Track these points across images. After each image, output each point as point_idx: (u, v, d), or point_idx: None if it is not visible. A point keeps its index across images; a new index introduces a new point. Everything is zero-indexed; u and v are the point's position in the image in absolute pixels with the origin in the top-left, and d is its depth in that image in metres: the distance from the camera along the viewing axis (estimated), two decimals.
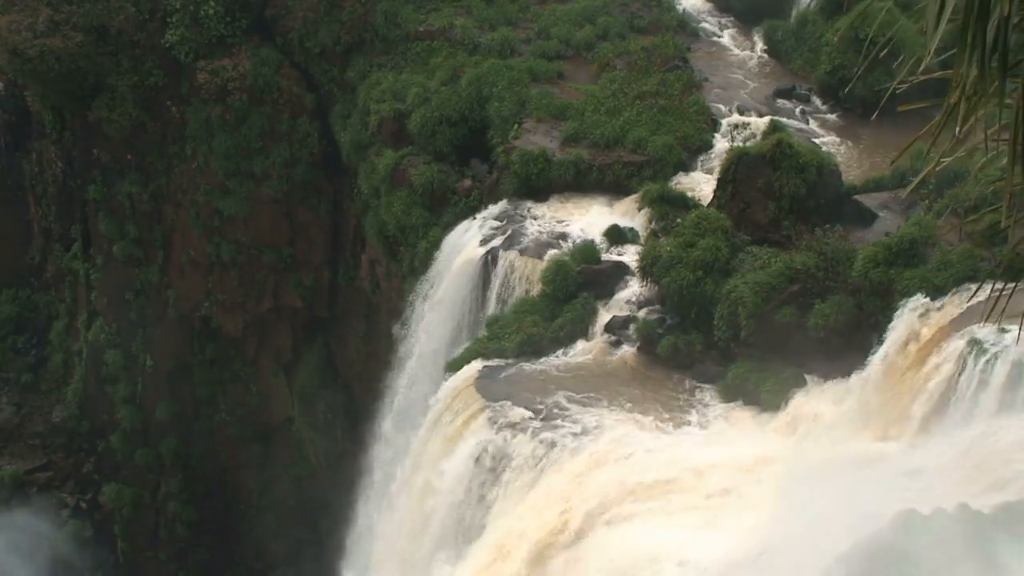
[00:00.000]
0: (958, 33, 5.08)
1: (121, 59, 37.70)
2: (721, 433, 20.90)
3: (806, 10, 34.79)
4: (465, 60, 33.39)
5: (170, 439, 43.34)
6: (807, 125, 30.76)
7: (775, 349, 21.78)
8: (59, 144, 42.72)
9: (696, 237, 23.77)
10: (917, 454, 17.28)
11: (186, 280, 41.40)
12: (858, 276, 21.08)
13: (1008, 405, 17.05)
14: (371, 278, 37.31)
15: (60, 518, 45.76)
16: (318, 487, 41.91)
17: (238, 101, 37.17)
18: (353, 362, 39.49)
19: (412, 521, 23.82)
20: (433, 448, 23.30)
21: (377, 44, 35.61)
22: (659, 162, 28.69)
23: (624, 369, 23.46)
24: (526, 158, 28.85)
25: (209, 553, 44.75)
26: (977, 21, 4.94)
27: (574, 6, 35.10)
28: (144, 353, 42.69)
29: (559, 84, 32.34)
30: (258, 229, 39.50)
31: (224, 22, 36.79)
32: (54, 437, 46.70)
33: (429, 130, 32.12)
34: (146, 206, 40.86)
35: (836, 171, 25.13)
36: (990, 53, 4.98)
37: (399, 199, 32.53)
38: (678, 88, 30.90)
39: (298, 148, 37.69)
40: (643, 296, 24.93)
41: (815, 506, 16.43)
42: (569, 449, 20.44)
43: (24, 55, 36.69)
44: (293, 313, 41.09)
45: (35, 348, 48.23)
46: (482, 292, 27.11)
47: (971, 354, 17.74)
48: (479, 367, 23.74)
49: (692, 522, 17.83)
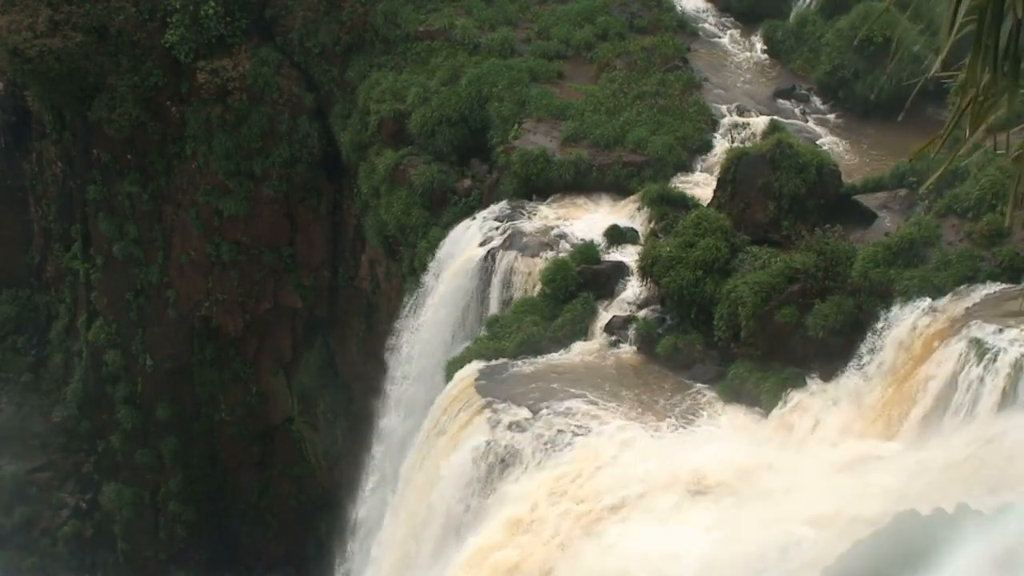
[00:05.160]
0: (969, 36, 5.07)
1: (121, 59, 37.69)
2: (721, 433, 20.89)
3: (806, 10, 34.81)
4: (465, 60, 33.40)
5: (170, 439, 43.33)
6: (807, 125, 30.77)
7: (775, 349, 21.77)
8: (59, 144, 42.75)
9: (696, 237, 23.77)
10: (917, 454, 17.28)
11: (186, 280, 41.40)
12: (858, 276, 21.07)
13: (1008, 405, 17.05)
14: (371, 278, 37.32)
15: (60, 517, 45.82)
16: (318, 487, 41.92)
17: (238, 101, 37.18)
18: (353, 362, 39.48)
19: (412, 521, 23.82)
20: (433, 448, 23.30)
21: (377, 44, 35.62)
22: (659, 162, 28.71)
23: (624, 369, 23.46)
24: (526, 158, 28.87)
25: (209, 553, 44.75)
26: (991, 25, 4.93)
27: (574, 6, 35.11)
28: (144, 353, 42.70)
29: (559, 84, 32.35)
30: (258, 229, 39.52)
31: (224, 22, 36.79)
32: (54, 437, 46.73)
33: (429, 130, 32.13)
34: (146, 206, 40.87)
35: (836, 171, 25.13)
36: (1003, 57, 4.97)
37: (399, 199, 32.54)
38: (678, 88, 30.91)
39: (298, 148, 37.69)
40: (643, 296, 24.93)
41: (813, 507, 16.45)
42: (569, 449, 20.44)
43: (24, 55, 36.69)
44: (293, 313, 41.10)
45: (35, 348, 48.27)
46: (482, 292, 27.11)
47: (971, 354, 17.74)
48: (479, 367, 23.73)
49: (691, 522, 17.82)
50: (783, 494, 17.49)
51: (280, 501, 43.89)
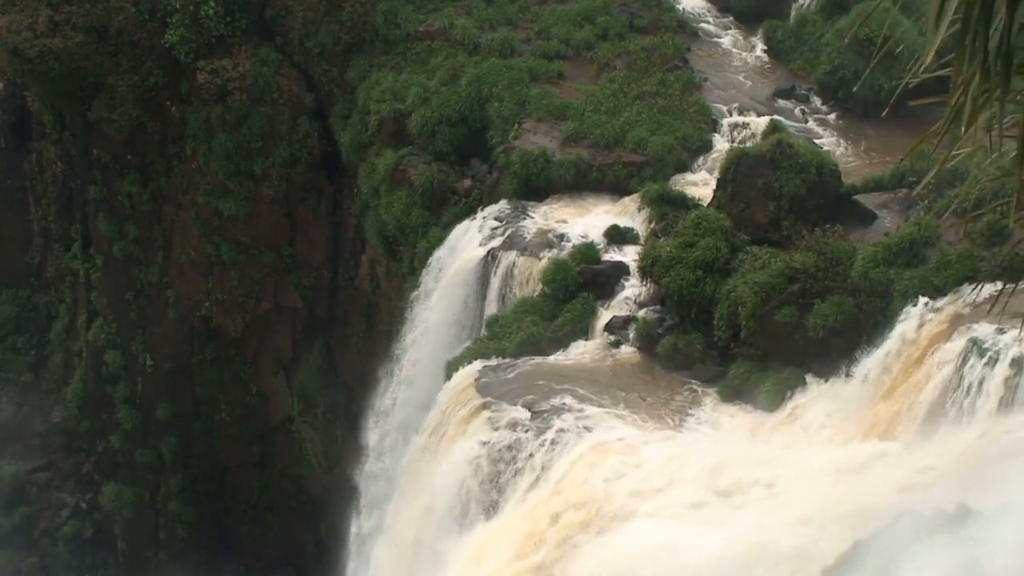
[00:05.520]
0: (959, 35, 5.05)
1: (121, 59, 37.69)
2: (721, 433, 20.89)
3: (806, 10, 34.82)
4: (465, 60, 33.40)
5: (170, 439, 43.33)
6: (807, 125, 30.77)
7: (775, 349, 21.78)
8: (59, 144, 42.76)
9: (696, 237, 23.77)
10: (917, 454, 17.28)
11: (186, 280, 41.41)
12: (858, 276, 21.07)
13: (1008, 405, 17.05)
14: (371, 278, 37.32)
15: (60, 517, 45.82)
16: (318, 487, 41.91)
17: (238, 101, 37.18)
18: (353, 362, 39.47)
19: (412, 521, 23.82)
20: (433, 448, 23.30)
21: (377, 44, 35.61)
22: (659, 162, 28.70)
23: (624, 369, 23.46)
24: (526, 158, 28.86)
25: (209, 553, 44.75)
26: (978, 23, 4.91)
27: (574, 6, 35.11)
28: (144, 353, 42.70)
29: (559, 84, 32.35)
30: (258, 229, 39.52)
31: (224, 22, 36.79)
32: (54, 437, 46.75)
33: (429, 130, 32.13)
34: (146, 206, 40.87)
35: (836, 171, 25.13)
36: (994, 57, 4.94)
37: (399, 199, 32.54)
38: (678, 88, 30.91)
39: (298, 148, 37.69)
40: (643, 296, 24.93)
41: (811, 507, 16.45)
42: (569, 449, 20.43)
43: (24, 55, 36.69)
44: (293, 313, 41.10)
45: (35, 348, 48.29)
46: (482, 292, 27.11)
47: (971, 354, 17.74)
48: (479, 367, 23.73)
49: (691, 522, 17.82)
50: (783, 494, 17.49)
51: (280, 501, 43.89)
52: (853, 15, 31.57)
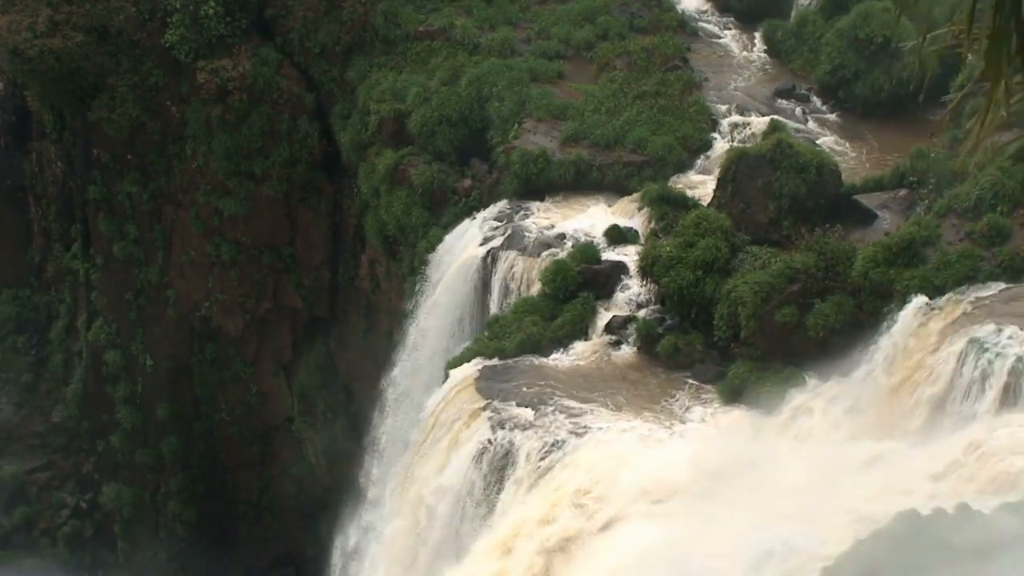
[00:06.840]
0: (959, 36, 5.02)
1: (121, 59, 37.69)
2: (720, 433, 20.89)
3: (806, 10, 34.81)
4: (465, 60, 33.40)
5: (170, 439, 43.32)
6: (807, 125, 30.77)
7: (775, 349, 21.78)
8: (59, 144, 42.74)
9: (696, 237, 23.77)
10: (917, 453, 17.28)
11: (186, 280, 41.40)
12: (858, 276, 21.08)
13: (1008, 405, 17.06)
14: (371, 278, 37.32)
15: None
16: (318, 487, 41.90)
17: (238, 101, 37.17)
18: (353, 362, 39.47)
19: (412, 520, 23.82)
20: (433, 448, 23.30)
21: (377, 44, 35.61)
22: (659, 162, 28.71)
23: (624, 369, 23.46)
24: (526, 158, 28.86)
25: (209, 553, 44.73)
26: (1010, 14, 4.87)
27: (574, 6, 35.12)
28: (144, 353, 42.69)
29: (559, 84, 32.35)
30: (258, 229, 39.50)
31: (224, 22, 36.78)
32: (54, 437, 46.73)
33: (429, 130, 32.13)
34: (146, 206, 40.86)
35: (836, 171, 25.14)
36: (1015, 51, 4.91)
37: (399, 199, 32.54)
38: (678, 88, 30.91)
39: (298, 148, 37.69)
40: (643, 296, 24.93)
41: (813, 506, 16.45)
42: (569, 449, 20.44)
43: (24, 55, 36.70)
44: (293, 313, 41.09)
45: (35, 348, 48.26)
46: (482, 292, 27.11)
47: (971, 354, 17.75)
48: (479, 367, 23.73)
49: (690, 521, 17.83)
50: (783, 493, 17.49)
51: (280, 501, 43.86)
52: (853, 15, 31.57)
